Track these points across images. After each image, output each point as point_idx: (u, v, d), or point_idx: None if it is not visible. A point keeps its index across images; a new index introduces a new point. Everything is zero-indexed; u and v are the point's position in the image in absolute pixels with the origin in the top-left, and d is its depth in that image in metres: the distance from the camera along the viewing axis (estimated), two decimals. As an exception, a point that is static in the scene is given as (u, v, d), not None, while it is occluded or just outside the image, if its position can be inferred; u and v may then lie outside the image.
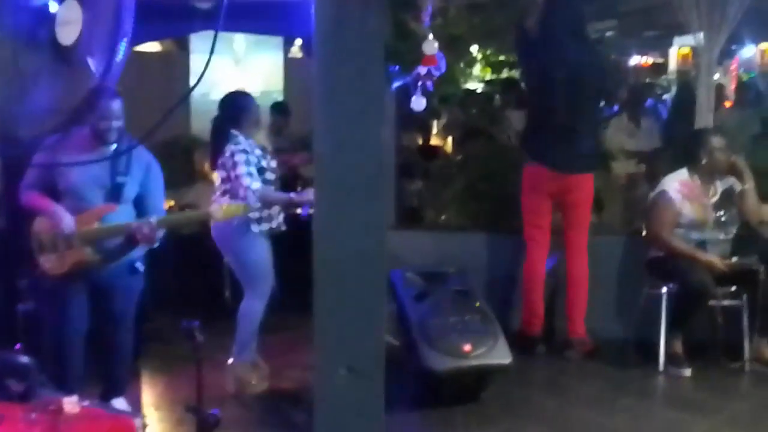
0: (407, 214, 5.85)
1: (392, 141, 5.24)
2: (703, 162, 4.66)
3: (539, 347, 4.86)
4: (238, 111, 4.24)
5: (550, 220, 4.89)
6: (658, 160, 6.08)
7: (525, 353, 4.68)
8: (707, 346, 4.60)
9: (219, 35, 2.16)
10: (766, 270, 4.43)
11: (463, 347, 3.99)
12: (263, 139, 5.32)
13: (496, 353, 4.03)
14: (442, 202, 5.87)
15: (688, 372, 4.52)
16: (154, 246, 3.66)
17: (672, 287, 4.58)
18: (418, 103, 3.81)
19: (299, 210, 4.14)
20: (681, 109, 6.77)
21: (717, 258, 4.52)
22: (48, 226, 3.57)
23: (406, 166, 6.10)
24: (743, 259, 4.53)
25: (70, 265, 3.57)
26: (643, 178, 6.18)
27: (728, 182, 4.72)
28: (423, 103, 3.83)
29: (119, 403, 3.78)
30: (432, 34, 3.70)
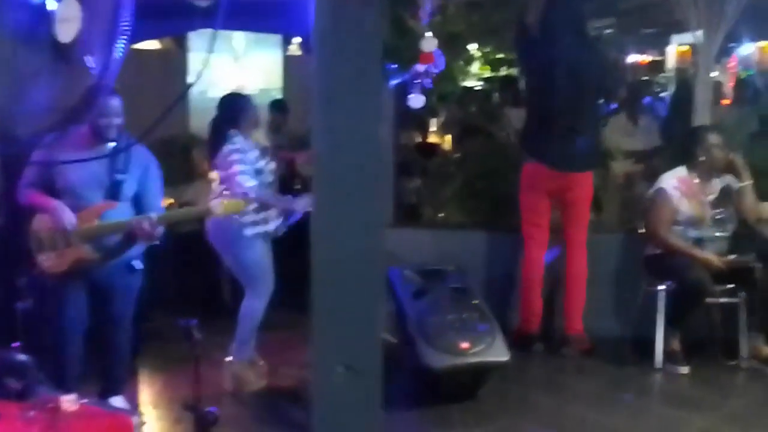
0: (405, 211, 5.83)
1: (391, 139, 5.23)
2: (701, 159, 4.67)
3: (537, 345, 4.87)
4: (236, 111, 4.23)
5: (549, 218, 4.89)
6: (656, 159, 6.08)
7: (523, 351, 4.69)
8: (705, 344, 4.61)
9: (218, 33, 2.16)
10: (764, 267, 4.45)
11: (460, 345, 4.00)
12: (262, 137, 5.33)
13: (493, 351, 4.04)
14: (441, 199, 5.86)
15: (685, 369, 4.53)
16: (155, 243, 3.66)
17: (670, 285, 4.59)
18: (416, 101, 3.82)
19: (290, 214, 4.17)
20: (679, 107, 6.76)
21: (714, 255, 4.53)
22: (47, 223, 3.56)
23: (405, 164, 6.09)
24: (741, 256, 4.54)
25: (69, 264, 3.55)
26: (641, 176, 6.17)
27: (726, 180, 4.72)
28: (421, 101, 3.83)
29: (117, 401, 3.78)
30: (430, 32, 3.71)
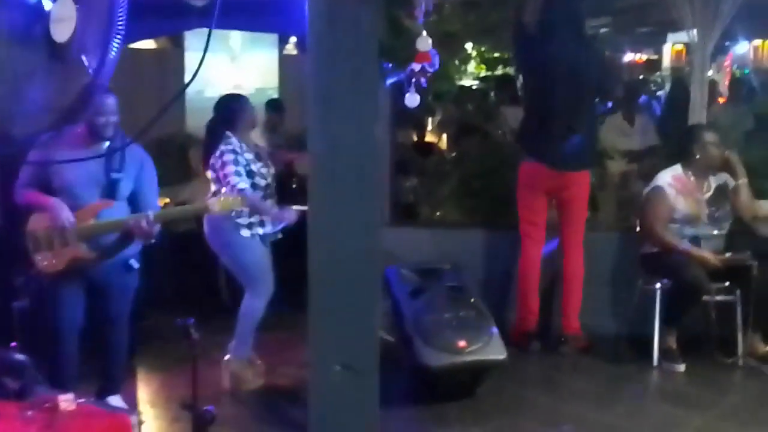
0: (402, 210, 5.84)
1: (387, 138, 5.24)
2: (697, 158, 4.67)
3: (534, 343, 4.87)
4: (233, 113, 4.23)
5: (546, 217, 4.89)
6: (653, 157, 6.09)
7: (520, 349, 4.70)
8: (701, 342, 4.62)
9: (214, 32, 2.16)
10: (760, 265, 4.45)
11: (457, 343, 4.00)
12: (258, 137, 5.32)
13: (490, 349, 4.04)
14: (438, 198, 5.86)
15: (682, 367, 4.54)
16: (152, 241, 3.66)
17: (666, 283, 4.60)
18: (412, 100, 3.82)
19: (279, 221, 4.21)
20: (675, 106, 6.79)
21: (710, 253, 4.54)
22: (44, 222, 3.55)
23: (402, 163, 6.10)
24: (736, 254, 4.55)
25: (66, 263, 3.55)
26: (637, 175, 6.18)
27: (722, 178, 4.73)
28: (417, 100, 3.83)
29: (115, 400, 3.78)
30: (426, 31, 3.71)
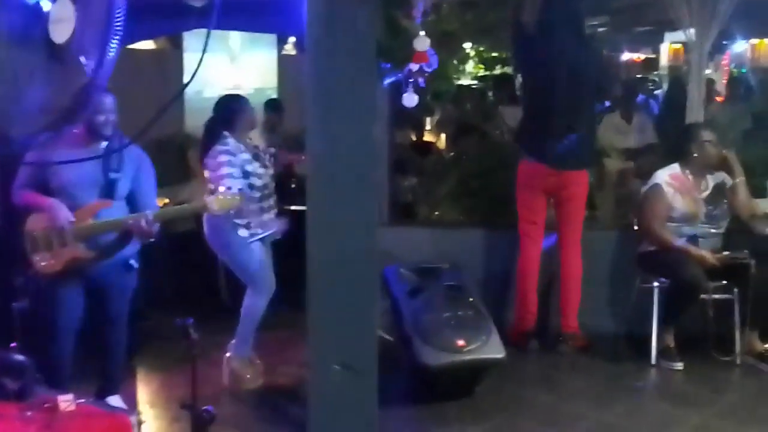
0: (401, 210, 5.85)
1: (385, 137, 5.24)
2: (695, 156, 4.68)
3: (532, 342, 4.87)
4: (232, 113, 4.23)
5: (545, 216, 4.90)
6: (650, 156, 6.10)
7: (518, 348, 4.71)
8: (699, 340, 4.62)
9: (213, 33, 2.17)
10: (757, 264, 4.45)
11: (456, 342, 4.01)
12: (257, 137, 5.32)
13: (489, 348, 4.05)
14: (436, 198, 5.87)
15: (680, 365, 4.55)
16: (151, 241, 3.66)
17: (664, 281, 4.61)
18: (410, 100, 3.83)
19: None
20: (672, 105, 6.80)
21: (708, 252, 4.55)
22: (42, 223, 3.55)
23: (400, 163, 6.11)
24: (734, 253, 4.55)
25: (65, 263, 3.55)
26: (634, 173, 6.19)
27: (719, 177, 4.74)
28: (414, 100, 3.84)
29: (115, 400, 3.78)
30: (424, 31, 3.72)
